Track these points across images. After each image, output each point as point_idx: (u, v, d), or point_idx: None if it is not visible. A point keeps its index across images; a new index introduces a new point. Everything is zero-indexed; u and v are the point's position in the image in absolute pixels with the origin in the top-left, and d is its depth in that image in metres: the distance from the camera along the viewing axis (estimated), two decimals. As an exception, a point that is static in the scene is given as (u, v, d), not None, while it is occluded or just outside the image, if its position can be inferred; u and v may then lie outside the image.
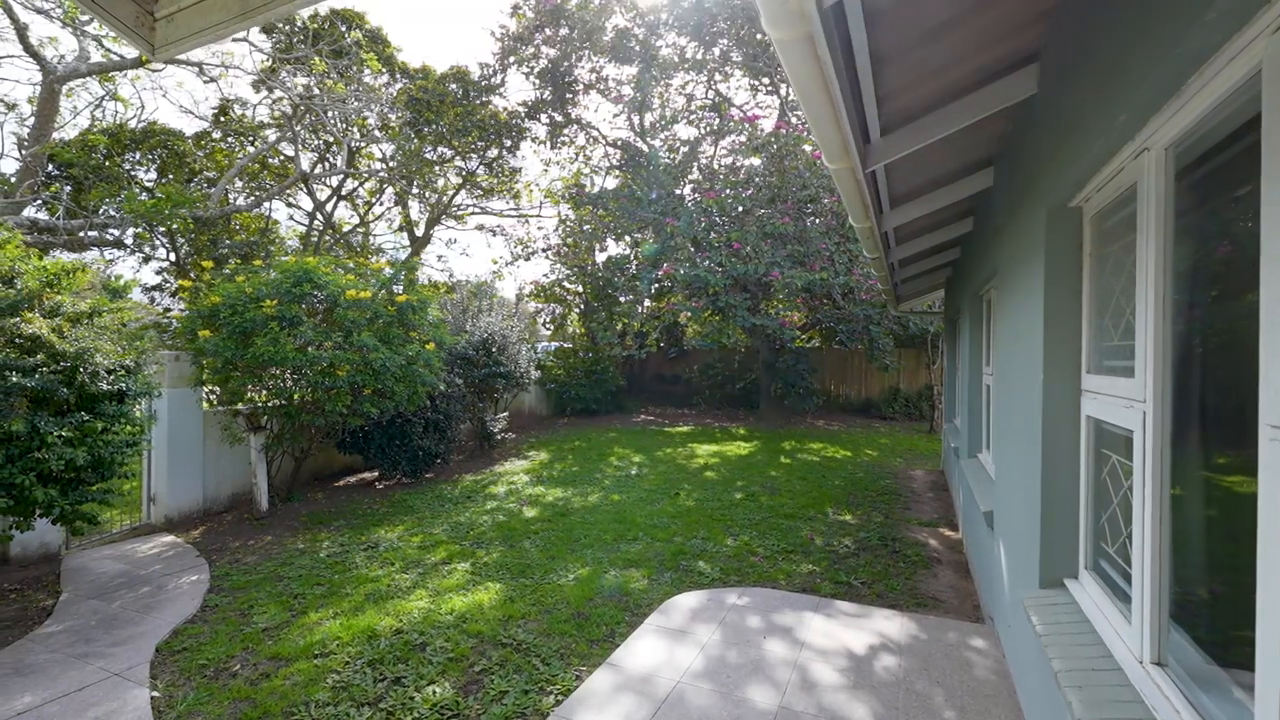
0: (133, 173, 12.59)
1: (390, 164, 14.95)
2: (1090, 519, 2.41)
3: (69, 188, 11.03)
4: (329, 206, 15.94)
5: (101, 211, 10.76)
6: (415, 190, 16.25)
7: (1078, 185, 2.38)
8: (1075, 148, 2.28)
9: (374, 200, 17.21)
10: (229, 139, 14.00)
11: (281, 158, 14.52)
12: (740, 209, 12.70)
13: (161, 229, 11.22)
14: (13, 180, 9.29)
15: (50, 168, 10.69)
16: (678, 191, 14.07)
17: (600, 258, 17.46)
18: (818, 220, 12.37)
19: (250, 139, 13.83)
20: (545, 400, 15.46)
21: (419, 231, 17.54)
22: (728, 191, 12.73)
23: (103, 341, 4.46)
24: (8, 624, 4.36)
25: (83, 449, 4.10)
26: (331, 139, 13.83)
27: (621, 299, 15.64)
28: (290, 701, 3.34)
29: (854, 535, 6.18)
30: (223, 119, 13.53)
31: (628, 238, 15.80)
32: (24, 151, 9.21)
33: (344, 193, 16.29)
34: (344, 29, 12.98)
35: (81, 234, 9.81)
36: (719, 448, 11.26)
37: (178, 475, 6.84)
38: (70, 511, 4.30)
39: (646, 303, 17.34)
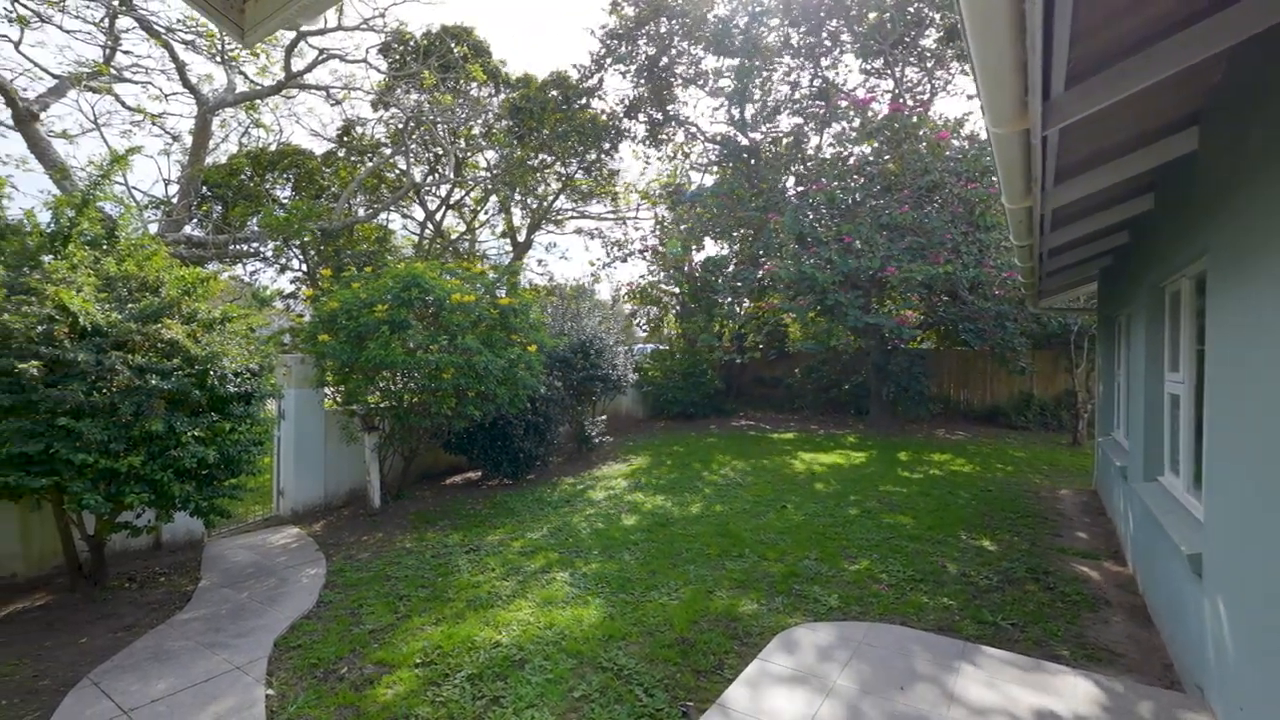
0: (271, 191, 13.85)
1: (494, 172, 15.45)
2: (1405, 589, 1.73)
3: (219, 206, 12.29)
4: (438, 215, 16.76)
5: (245, 227, 11.88)
6: (517, 197, 16.71)
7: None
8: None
9: (479, 208, 17.91)
10: (352, 156, 15.06)
11: (396, 171, 15.43)
12: (851, 200, 11.83)
13: (295, 242, 12.22)
14: (174, 202, 10.44)
15: (204, 189, 11.97)
16: (781, 185, 13.40)
17: (698, 257, 17.09)
18: (941, 208, 11.26)
19: (369, 155, 14.80)
20: (642, 403, 15.32)
21: (520, 237, 18.04)
22: (836, 183, 11.91)
23: (231, 346, 4.72)
24: (155, 607, 4.71)
25: (213, 448, 4.33)
26: (441, 151, 14.49)
27: (721, 300, 15.17)
28: (392, 714, 3.27)
29: (995, 565, 5.40)
30: (346, 138, 14.58)
31: (729, 235, 15.32)
32: (180, 175, 10.32)
33: (452, 202, 17.07)
34: (452, 44, 13.54)
35: (229, 247, 10.84)
36: (826, 456, 10.52)
37: (303, 471, 7.26)
38: (205, 506, 4.57)
39: (745, 303, 16.76)
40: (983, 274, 10.76)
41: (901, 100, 12.49)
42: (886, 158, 11.50)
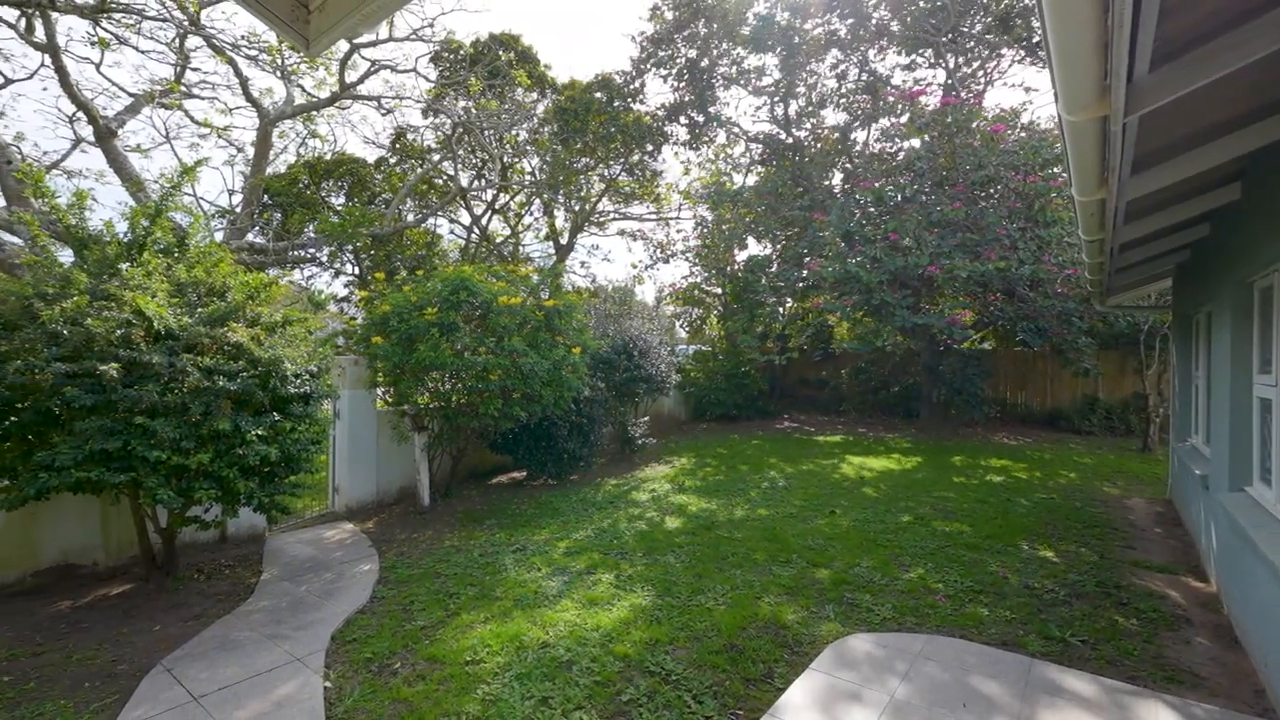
0: (326, 198, 14.40)
1: (539, 175, 15.66)
2: None
3: (279, 214, 12.85)
4: (484, 220, 17.08)
5: (302, 233, 12.38)
6: (561, 199, 16.88)
7: None
8: None
9: (523, 212, 18.19)
10: (402, 163, 15.51)
11: (444, 177, 15.81)
12: (899, 197, 11.47)
13: (348, 247, 12.67)
14: (238, 210, 10.97)
15: (265, 198, 12.54)
16: (826, 183, 13.12)
17: (740, 257, 16.90)
18: (998, 203, 10.80)
19: (419, 161, 15.22)
20: (684, 404, 15.23)
21: (563, 240, 18.21)
22: (885, 179, 11.57)
23: (291, 348, 4.90)
24: (221, 598, 4.93)
25: (275, 446, 4.50)
26: (487, 156, 14.78)
27: (764, 300, 14.95)
28: (443, 710, 3.31)
29: (1060, 577, 5.12)
30: (397, 145, 15.03)
31: (771, 235, 15.10)
32: (244, 185, 10.84)
33: (497, 206, 17.37)
34: (499, 51, 13.80)
35: (288, 253, 11.31)
36: (875, 460, 10.23)
37: (356, 469, 7.49)
38: (267, 502, 4.75)
39: (789, 303, 16.46)
40: (1041, 271, 10.26)
41: (954, 93, 12.05)
42: (937, 152, 11.09)
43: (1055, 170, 10.40)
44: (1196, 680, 3.57)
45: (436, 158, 14.88)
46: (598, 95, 14.79)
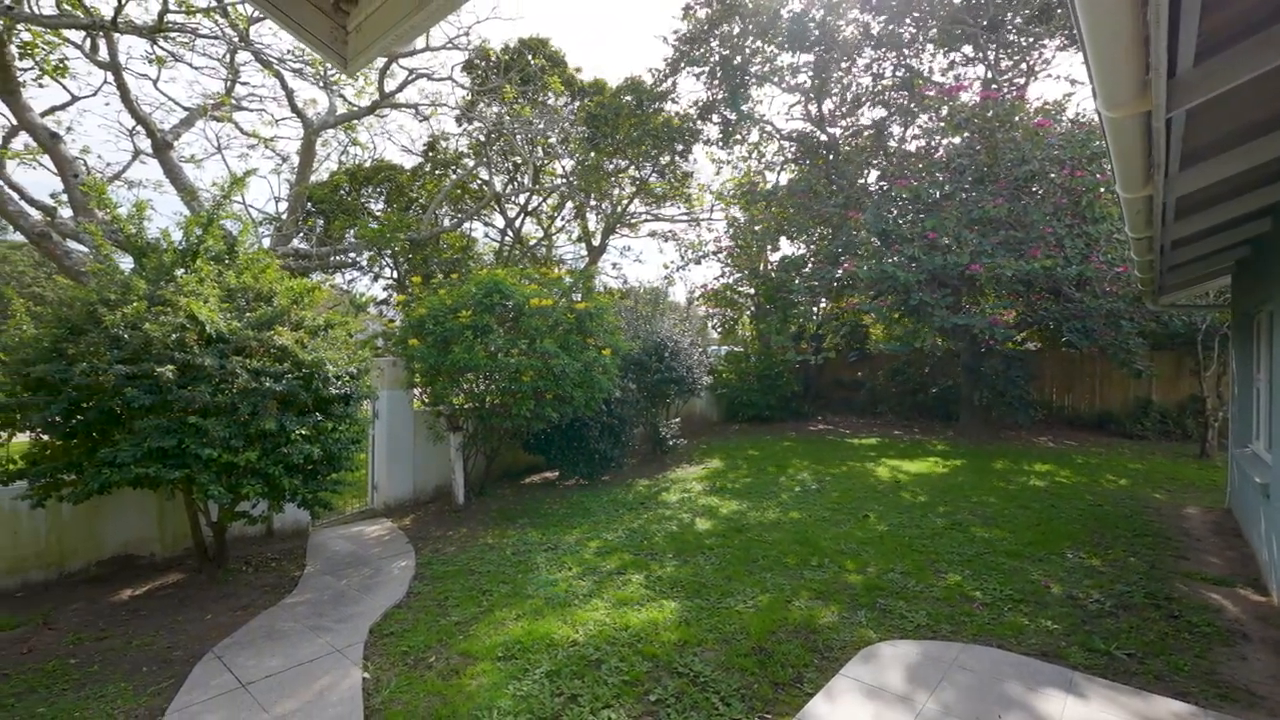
0: (366, 204, 14.85)
1: (570, 179, 15.81)
2: None
3: (321, 220, 13.30)
4: (518, 223, 17.34)
5: (343, 239, 12.79)
6: (592, 202, 17.01)
7: None
8: None
9: (556, 214, 18.39)
10: (437, 169, 15.87)
11: (479, 181, 16.11)
12: (937, 194, 11.20)
13: (387, 251, 13.03)
14: (283, 217, 11.41)
15: (309, 205, 13.01)
16: (861, 181, 12.89)
17: (774, 258, 16.74)
18: (1042, 199, 10.44)
19: (453, 167, 15.55)
20: (716, 405, 15.17)
21: (595, 241, 18.33)
22: (924, 176, 11.31)
23: (333, 351, 5.08)
24: (267, 589, 5.15)
25: (318, 445, 4.68)
26: (520, 160, 15.00)
27: (798, 301, 14.77)
28: (476, 704, 3.40)
29: (1107, 587, 4.93)
30: (432, 152, 15.39)
31: (804, 234, 14.92)
32: (289, 193, 11.26)
33: (530, 209, 17.61)
34: (529, 56, 14.00)
35: (330, 259, 11.70)
36: (912, 464, 10.01)
37: (394, 468, 7.71)
38: (310, 498, 4.94)
39: (823, 303, 16.23)
40: (1089, 269, 9.87)
41: (994, 87, 11.71)
42: (978, 149, 10.79)
43: (1104, 163, 10.00)
44: (1253, 699, 3.41)
45: (471, 163, 15.18)
46: (627, 99, 14.85)
